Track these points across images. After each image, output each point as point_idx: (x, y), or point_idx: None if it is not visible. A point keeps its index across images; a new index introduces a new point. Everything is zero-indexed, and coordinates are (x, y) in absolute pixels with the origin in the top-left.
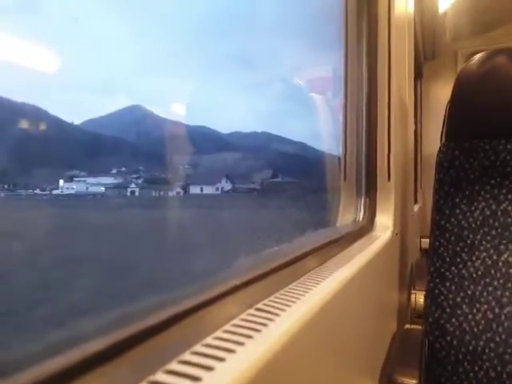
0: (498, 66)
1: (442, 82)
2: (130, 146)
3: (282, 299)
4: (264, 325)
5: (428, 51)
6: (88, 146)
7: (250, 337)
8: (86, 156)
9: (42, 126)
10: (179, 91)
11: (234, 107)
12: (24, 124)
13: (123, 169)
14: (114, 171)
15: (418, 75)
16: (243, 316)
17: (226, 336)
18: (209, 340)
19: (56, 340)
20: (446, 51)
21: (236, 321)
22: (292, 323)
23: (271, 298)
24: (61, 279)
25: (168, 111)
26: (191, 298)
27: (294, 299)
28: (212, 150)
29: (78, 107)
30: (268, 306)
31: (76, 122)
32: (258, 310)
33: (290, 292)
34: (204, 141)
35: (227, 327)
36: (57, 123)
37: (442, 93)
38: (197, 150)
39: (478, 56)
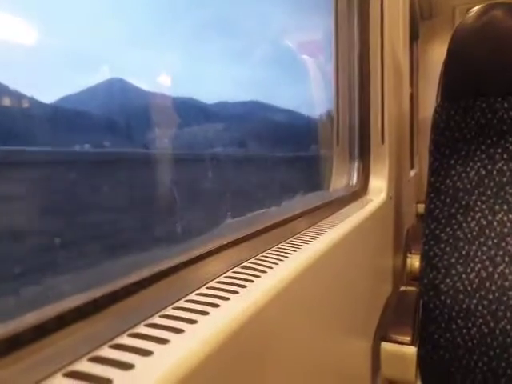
0: (494, 20)
1: (439, 42)
2: (102, 121)
3: (269, 257)
4: (250, 281)
5: (425, 10)
6: (54, 123)
7: (235, 292)
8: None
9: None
10: (160, 63)
11: (219, 76)
12: None
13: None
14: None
15: (415, 36)
16: (229, 273)
17: (210, 292)
18: (192, 296)
19: None
20: (444, 9)
21: (221, 278)
22: (279, 280)
23: (258, 256)
24: None
25: (149, 83)
26: (177, 256)
27: (282, 257)
28: (193, 122)
29: (51, 83)
30: (255, 263)
31: (48, 100)
32: (245, 267)
33: (278, 251)
34: (186, 112)
35: (212, 284)
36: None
37: (439, 54)
38: (174, 121)
39: (473, 10)
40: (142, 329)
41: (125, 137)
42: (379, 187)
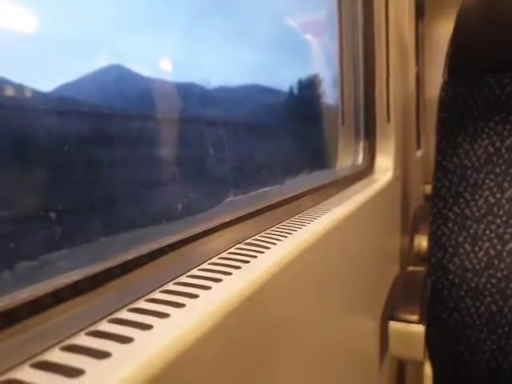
0: None
1: (445, 19)
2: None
3: (273, 234)
4: (253, 257)
5: None
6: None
7: (237, 268)
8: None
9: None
10: (157, 47)
11: (220, 59)
12: None
13: None
14: None
15: (420, 13)
16: (232, 249)
17: (212, 267)
18: (195, 271)
19: None
20: None
21: (224, 254)
22: (283, 256)
23: (262, 233)
24: None
25: (148, 68)
26: (179, 233)
27: (286, 234)
28: (193, 107)
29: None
30: (258, 240)
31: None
32: (248, 244)
33: (282, 228)
34: (183, 97)
35: (214, 260)
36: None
37: (445, 31)
38: (169, 106)
39: None
40: (142, 304)
41: None
42: (385, 166)
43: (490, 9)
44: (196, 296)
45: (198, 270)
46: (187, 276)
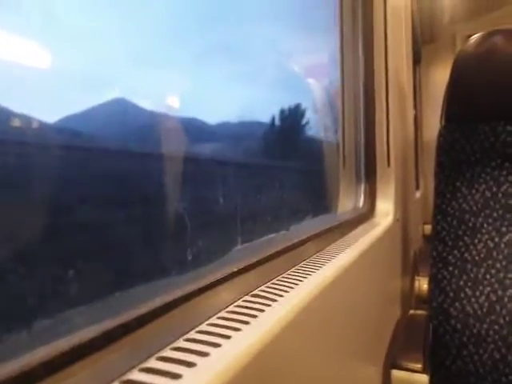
0: (495, 46)
1: (440, 65)
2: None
3: (279, 285)
4: (261, 310)
5: (426, 34)
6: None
7: (246, 323)
8: None
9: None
10: (165, 85)
11: (225, 97)
12: None
13: None
14: None
15: (417, 59)
16: (239, 302)
17: (221, 322)
18: (204, 327)
19: None
20: (445, 34)
21: (232, 307)
22: (289, 309)
23: (268, 284)
24: None
25: (153, 104)
26: (187, 285)
27: (291, 285)
28: (195, 141)
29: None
30: (265, 292)
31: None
32: (255, 296)
33: (287, 278)
34: (187, 132)
35: (223, 314)
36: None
37: (441, 76)
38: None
39: (475, 37)
40: (153, 363)
41: None
42: (386, 210)
43: (483, 61)
44: (207, 354)
45: (207, 325)
46: (196, 332)
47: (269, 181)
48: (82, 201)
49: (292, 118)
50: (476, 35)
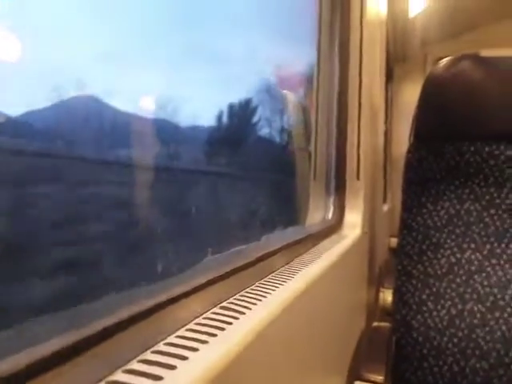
0: (462, 71)
1: (411, 84)
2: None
3: (247, 297)
4: (229, 323)
5: (399, 54)
6: None
7: (213, 335)
8: None
9: None
10: (141, 85)
11: (200, 101)
12: None
13: None
14: None
15: (389, 77)
16: (207, 314)
17: (189, 334)
18: (171, 339)
19: None
20: (416, 55)
21: (200, 319)
22: (257, 322)
23: (236, 296)
24: None
25: (124, 104)
26: (154, 297)
27: (259, 297)
28: (164, 141)
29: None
30: (233, 304)
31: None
32: (223, 308)
33: (255, 290)
34: (157, 133)
35: (191, 326)
36: None
37: (411, 95)
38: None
39: (444, 61)
40: (119, 375)
41: None
42: (354, 222)
43: (452, 82)
44: (173, 367)
45: (175, 337)
46: (164, 344)
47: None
48: None
49: (242, 117)
50: (445, 59)
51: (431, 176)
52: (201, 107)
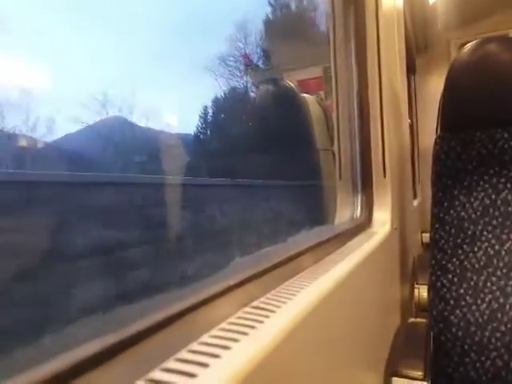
0: (489, 54)
1: (435, 73)
2: None
3: (277, 296)
4: (260, 321)
5: (420, 43)
6: None
7: (245, 334)
8: None
9: None
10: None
11: None
12: None
13: None
14: None
15: (412, 68)
16: (239, 314)
17: (221, 334)
18: (205, 338)
19: None
20: (439, 42)
21: (232, 319)
22: (288, 320)
23: (267, 295)
24: None
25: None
26: (188, 298)
27: (289, 296)
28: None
29: None
30: (264, 303)
31: None
32: (254, 307)
33: (285, 289)
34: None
35: (223, 325)
36: None
37: (436, 84)
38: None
39: (469, 45)
40: (156, 374)
41: None
42: (383, 219)
43: (477, 69)
44: (206, 365)
45: (209, 336)
46: (198, 343)
47: None
48: None
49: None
50: (469, 44)
51: (462, 167)
52: None
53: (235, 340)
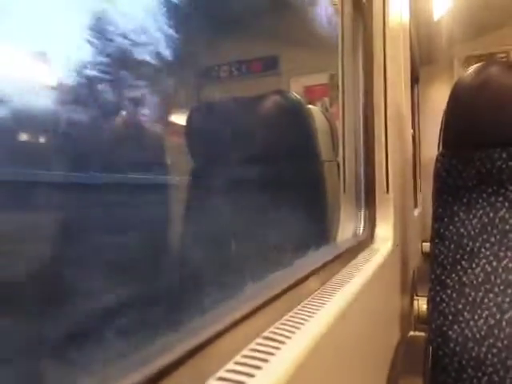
0: (492, 77)
1: (438, 85)
2: None
3: (287, 325)
4: (272, 354)
5: (424, 56)
6: None
7: (258, 368)
8: None
9: None
10: None
11: None
12: None
13: None
14: None
15: (415, 80)
16: (252, 346)
17: (237, 368)
18: (221, 373)
19: None
20: (442, 56)
21: (245, 351)
22: (299, 350)
23: (277, 324)
24: None
25: None
26: (197, 334)
27: (299, 325)
28: None
29: None
30: (275, 333)
31: None
32: (266, 338)
33: (295, 317)
34: None
35: (237, 358)
36: None
37: (438, 96)
38: None
39: (472, 68)
40: None
41: None
42: (385, 236)
43: (480, 91)
44: None
45: (225, 371)
46: (215, 379)
47: None
48: None
49: None
50: (473, 66)
51: (462, 184)
52: None
53: (250, 375)
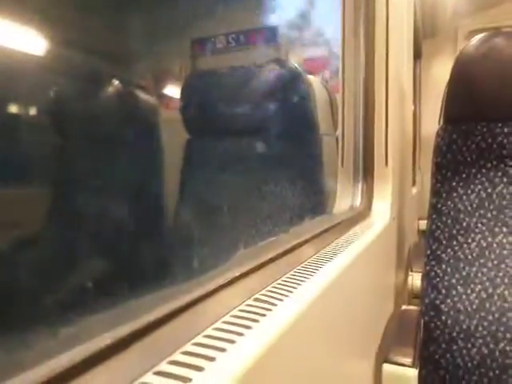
0: (496, 48)
1: (441, 60)
2: None
3: (279, 288)
4: (263, 315)
5: (428, 29)
6: None
7: (248, 327)
8: None
9: None
10: None
11: None
12: None
13: None
14: None
15: (417, 54)
16: (242, 307)
17: (226, 327)
18: (209, 331)
19: None
20: (446, 29)
21: (235, 311)
22: (290, 312)
23: (269, 287)
24: None
25: None
26: (191, 291)
27: (291, 288)
28: None
29: None
30: (266, 295)
31: None
32: (257, 300)
33: (287, 281)
34: None
35: (227, 318)
36: None
37: (441, 71)
38: None
39: (476, 38)
40: (164, 367)
41: None
42: (383, 209)
43: (484, 62)
44: (213, 359)
45: (213, 329)
46: (203, 336)
47: None
48: None
49: None
50: (477, 36)
51: (461, 159)
52: None
53: (239, 334)
